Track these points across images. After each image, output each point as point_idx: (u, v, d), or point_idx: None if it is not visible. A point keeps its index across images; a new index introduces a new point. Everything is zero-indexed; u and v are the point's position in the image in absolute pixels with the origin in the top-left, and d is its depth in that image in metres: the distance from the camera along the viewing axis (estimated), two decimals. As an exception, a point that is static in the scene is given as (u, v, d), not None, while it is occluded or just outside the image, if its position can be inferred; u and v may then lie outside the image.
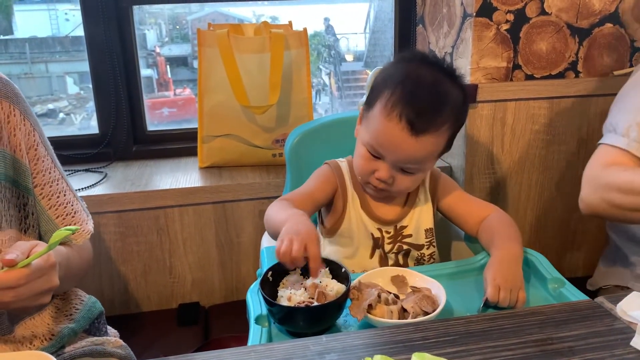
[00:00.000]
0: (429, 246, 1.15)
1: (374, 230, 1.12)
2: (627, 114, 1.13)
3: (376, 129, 1.00)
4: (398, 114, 0.97)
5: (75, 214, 1.02)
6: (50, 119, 2.21)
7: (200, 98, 1.64)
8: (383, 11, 2.08)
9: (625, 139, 1.11)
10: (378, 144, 1.01)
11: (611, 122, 1.17)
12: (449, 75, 1.03)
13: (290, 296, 0.85)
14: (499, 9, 1.48)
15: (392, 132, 0.98)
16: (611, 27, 1.54)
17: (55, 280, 0.82)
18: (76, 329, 1.00)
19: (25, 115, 0.96)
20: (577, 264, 1.76)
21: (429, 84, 1.00)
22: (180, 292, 1.66)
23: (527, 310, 0.81)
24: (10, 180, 0.93)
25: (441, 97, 1.00)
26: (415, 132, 0.97)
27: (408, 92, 0.98)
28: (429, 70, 1.02)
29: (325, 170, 1.16)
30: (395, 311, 0.83)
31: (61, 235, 0.77)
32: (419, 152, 1.00)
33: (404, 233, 1.13)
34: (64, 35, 2.18)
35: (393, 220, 1.13)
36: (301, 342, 0.74)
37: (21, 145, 0.94)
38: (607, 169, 1.11)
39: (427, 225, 1.14)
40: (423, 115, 0.97)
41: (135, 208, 1.54)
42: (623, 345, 0.71)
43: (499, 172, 1.61)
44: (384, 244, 1.13)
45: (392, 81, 1.00)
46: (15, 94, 0.95)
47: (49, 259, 0.80)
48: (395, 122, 0.97)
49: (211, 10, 2.30)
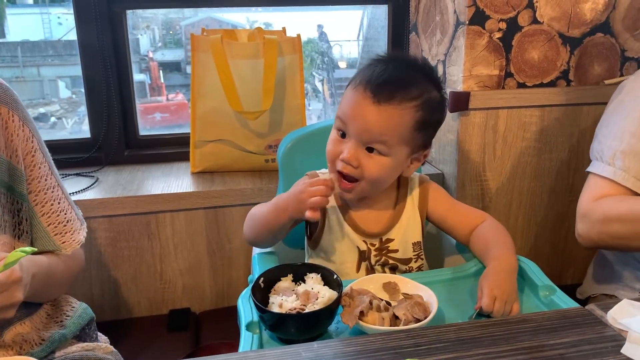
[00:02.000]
0: (416, 259, 1.13)
1: (360, 243, 1.10)
2: (612, 141, 1.16)
3: (342, 100, 1.04)
4: (363, 84, 1.00)
5: (67, 223, 1.02)
6: (42, 122, 2.20)
7: (193, 103, 1.64)
8: (376, 18, 2.09)
9: (612, 168, 1.14)
10: (343, 113, 1.02)
11: (597, 149, 1.19)
12: (422, 70, 1.05)
13: (282, 303, 0.85)
14: (492, 17, 1.49)
15: (356, 100, 1.00)
16: (602, 37, 1.56)
17: (18, 295, 0.81)
18: (67, 334, 1.00)
19: (24, 122, 0.96)
20: (567, 271, 1.77)
21: (393, 66, 1.02)
22: (170, 297, 1.65)
23: (518, 318, 0.81)
24: (5, 185, 0.93)
25: (405, 76, 1.01)
26: (378, 100, 0.98)
27: (375, 70, 1.01)
28: (398, 61, 1.05)
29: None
30: (387, 318, 0.83)
31: (17, 257, 0.76)
32: (380, 122, 0.98)
33: (389, 247, 1.11)
34: (57, 39, 2.18)
35: (378, 233, 1.11)
36: (292, 349, 0.74)
37: (18, 151, 0.94)
38: (600, 202, 1.13)
39: (415, 239, 1.12)
40: (386, 85, 0.98)
41: (126, 213, 1.53)
42: (614, 352, 0.71)
43: (490, 180, 1.61)
44: (370, 257, 1.11)
45: (362, 67, 1.05)
46: (15, 99, 0.95)
47: (13, 275, 0.80)
48: (360, 92, 1.00)
49: (205, 16, 2.31)
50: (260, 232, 1.10)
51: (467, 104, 1.52)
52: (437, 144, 1.70)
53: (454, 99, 1.51)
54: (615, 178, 1.13)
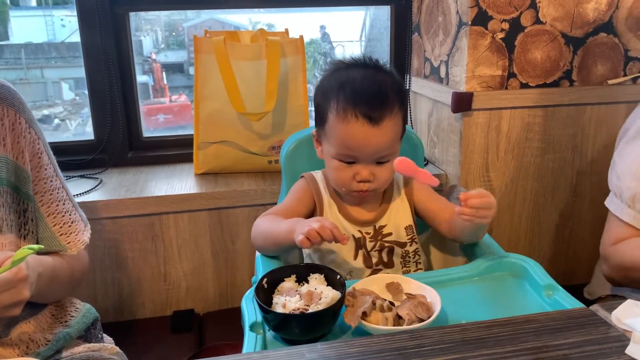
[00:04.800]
0: (411, 243, 1.17)
1: (355, 232, 1.15)
2: (632, 181, 1.16)
3: (339, 136, 1.05)
4: (353, 114, 1.03)
5: (72, 224, 1.03)
6: (46, 124, 2.20)
7: (197, 104, 1.64)
8: (379, 19, 2.09)
9: (632, 211, 1.15)
10: (348, 148, 1.05)
11: (617, 185, 1.19)
12: (373, 67, 1.10)
13: (285, 303, 0.85)
14: (495, 17, 1.48)
15: (356, 132, 1.03)
16: (605, 37, 1.56)
17: (25, 293, 0.82)
18: (71, 333, 1.00)
19: (30, 124, 0.98)
20: (573, 271, 1.77)
21: (363, 78, 1.06)
22: (174, 299, 1.65)
23: (522, 318, 0.81)
24: (12, 186, 0.94)
25: (380, 85, 1.06)
26: (375, 122, 1.03)
27: (350, 92, 1.04)
28: (356, 70, 1.09)
29: (301, 183, 1.20)
30: (390, 318, 0.83)
31: (24, 254, 0.77)
32: (386, 139, 1.05)
33: (383, 232, 1.15)
34: (60, 41, 2.18)
35: (371, 220, 1.16)
36: (296, 350, 0.74)
37: (24, 152, 0.95)
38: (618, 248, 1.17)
39: (406, 223, 1.17)
40: (374, 105, 1.03)
41: (130, 214, 1.53)
42: (618, 353, 0.71)
43: (494, 180, 1.61)
44: (366, 243, 1.15)
45: (332, 92, 1.07)
46: (21, 102, 0.97)
47: (19, 273, 0.80)
48: (354, 122, 1.03)
49: (207, 18, 2.31)
50: (268, 247, 1.14)
51: (470, 105, 1.51)
52: (440, 145, 1.70)
53: (457, 99, 1.51)
54: (635, 224, 1.15)
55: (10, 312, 0.82)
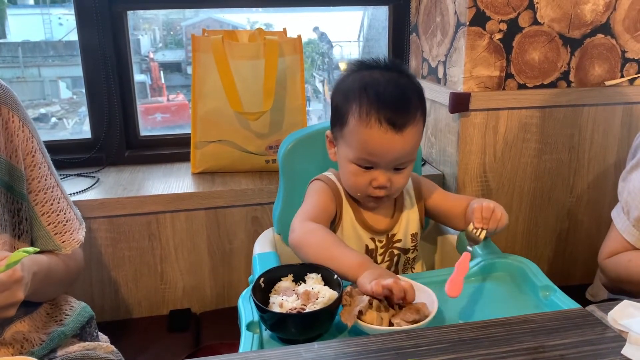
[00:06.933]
0: (413, 250, 1.17)
1: (368, 242, 1.13)
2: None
3: (360, 140, 1.01)
4: (376, 119, 0.99)
5: (67, 223, 1.02)
6: (43, 123, 2.20)
7: (194, 104, 1.64)
8: (377, 19, 2.09)
9: (636, 232, 1.16)
10: (368, 153, 1.01)
11: (626, 199, 1.19)
12: (396, 70, 1.06)
13: (282, 303, 0.85)
14: (492, 18, 1.49)
15: (378, 138, 1.00)
16: (602, 38, 1.56)
17: (19, 294, 0.82)
18: (66, 332, 1.00)
19: (24, 122, 0.97)
20: (568, 272, 1.77)
21: (387, 82, 1.02)
22: (171, 298, 1.65)
23: (518, 319, 0.81)
24: (5, 185, 0.93)
25: (404, 90, 1.03)
26: (399, 128, 0.99)
27: (374, 96, 1.00)
28: (378, 72, 1.05)
29: (323, 185, 1.14)
30: (386, 318, 0.83)
31: (19, 257, 0.77)
32: (407, 146, 1.02)
33: (394, 240, 1.14)
34: (57, 39, 2.18)
35: (385, 229, 1.13)
36: (293, 349, 0.74)
37: (18, 151, 0.95)
38: (614, 261, 1.19)
39: (413, 230, 1.16)
40: (398, 111, 0.99)
41: (126, 213, 1.53)
42: (614, 353, 0.71)
43: (491, 181, 1.61)
44: (377, 255, 1.13)
45: (353, 94, 1.02)
46: (15, 100, 0.96)
47: (14, 274, 0.80)
48: (377, 128, 0.99)
49: (205, 17, 2.31)
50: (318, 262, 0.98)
51: (467, 105, 1.52)
52: (437, 145, 1.70)
53: (455, 100, 1.51)
54: (637, 244, 1.16)
55: (5, 313, 0.82)
